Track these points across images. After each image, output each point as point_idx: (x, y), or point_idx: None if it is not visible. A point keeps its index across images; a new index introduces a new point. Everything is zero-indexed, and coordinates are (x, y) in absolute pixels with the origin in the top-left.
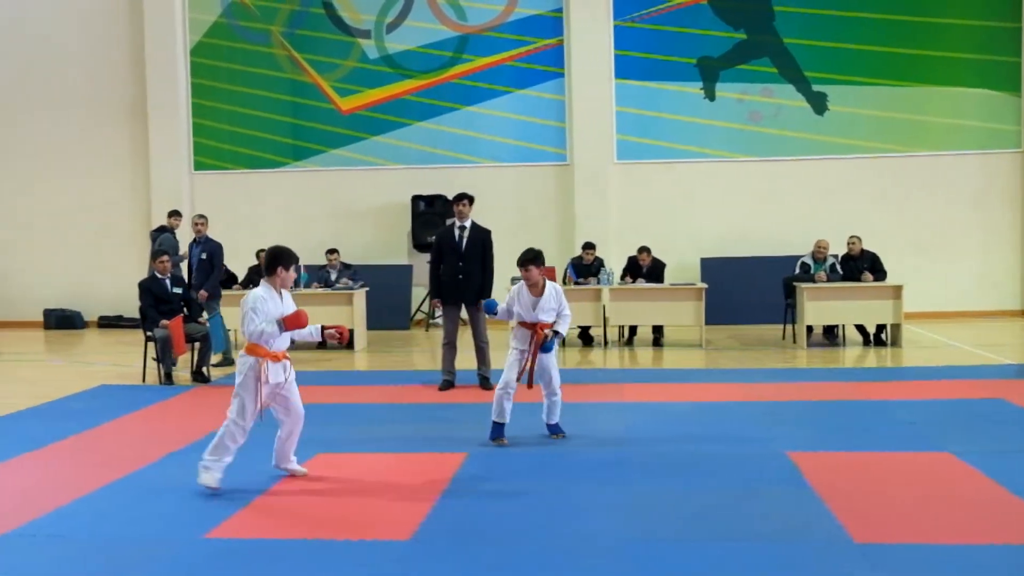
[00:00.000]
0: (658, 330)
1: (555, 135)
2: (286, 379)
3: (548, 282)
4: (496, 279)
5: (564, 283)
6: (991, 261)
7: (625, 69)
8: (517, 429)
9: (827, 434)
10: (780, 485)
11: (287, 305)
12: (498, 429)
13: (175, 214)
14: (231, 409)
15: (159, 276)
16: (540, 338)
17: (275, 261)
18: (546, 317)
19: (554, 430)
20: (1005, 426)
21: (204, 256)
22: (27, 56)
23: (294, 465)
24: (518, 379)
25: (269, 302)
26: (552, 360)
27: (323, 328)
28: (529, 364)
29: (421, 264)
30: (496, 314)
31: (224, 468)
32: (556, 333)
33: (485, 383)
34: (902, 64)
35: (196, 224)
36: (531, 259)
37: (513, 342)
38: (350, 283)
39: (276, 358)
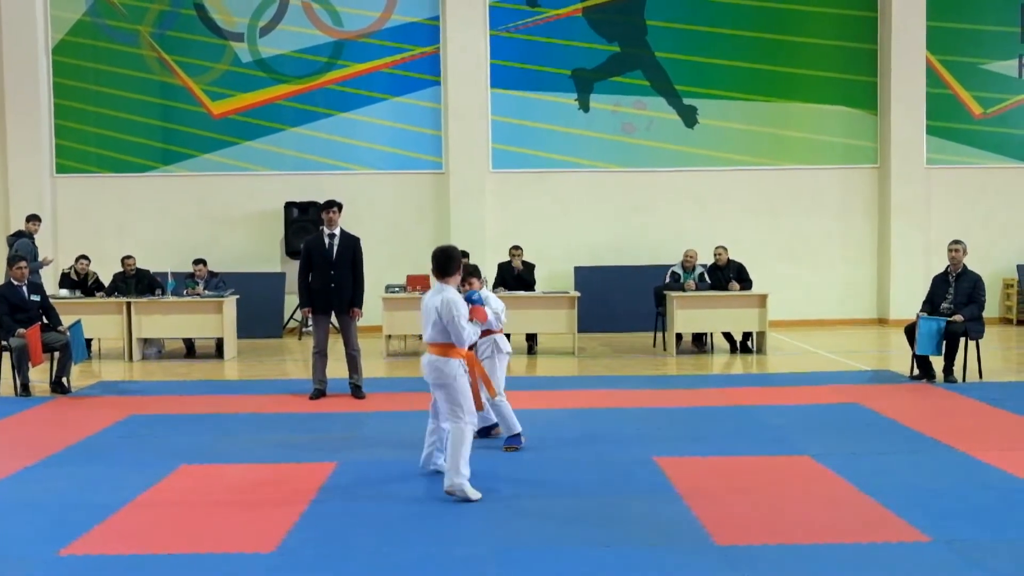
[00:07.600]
0: (532, 338)
1: (431, 143)
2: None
3: None
4: (368, 287)
5: None
6: (851, 272)
7: (501, 79)
8: (386, 437)
9: (693, 439)
10: (647, 490)
11: None
12: (515, 438)
13: (34, 218)
14: (457, 415)
15: (15, 283)
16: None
17: (456, 263)
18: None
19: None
20: (859, 430)
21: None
22: None
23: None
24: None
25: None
26: None
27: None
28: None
29: (294, 272)
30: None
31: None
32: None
33: (357, 391)
34: (767, 80)
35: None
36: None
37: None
38: (209, 293)
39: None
